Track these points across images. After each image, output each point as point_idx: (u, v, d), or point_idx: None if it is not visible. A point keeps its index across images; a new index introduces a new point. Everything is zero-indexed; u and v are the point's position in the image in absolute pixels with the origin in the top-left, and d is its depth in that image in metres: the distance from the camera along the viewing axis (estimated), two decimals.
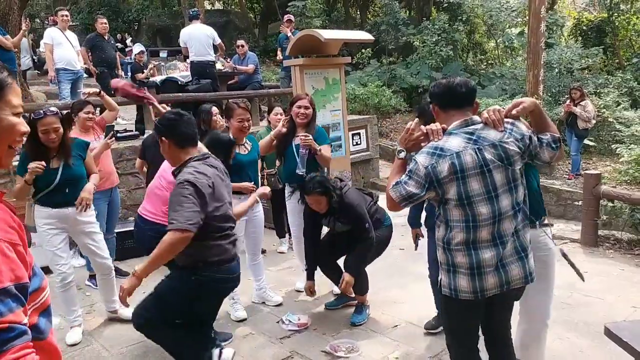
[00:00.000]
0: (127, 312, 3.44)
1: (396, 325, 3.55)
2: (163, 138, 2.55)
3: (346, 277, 3.42)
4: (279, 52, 9.39)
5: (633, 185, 6.75)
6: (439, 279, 2.30)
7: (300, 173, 3.80)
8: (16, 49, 6.89)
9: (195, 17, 7.67)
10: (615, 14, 14.59)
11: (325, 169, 4.12)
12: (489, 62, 16.11)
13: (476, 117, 2.19)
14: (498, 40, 14.50)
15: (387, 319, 3.66)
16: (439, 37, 12.63)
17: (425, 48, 12.49)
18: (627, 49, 14.58)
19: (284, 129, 3.89)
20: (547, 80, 10.49)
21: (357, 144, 7.98)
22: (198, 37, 7.22)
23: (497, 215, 2.12)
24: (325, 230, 3.77)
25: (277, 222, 5.38)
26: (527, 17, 9.86)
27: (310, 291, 3.67)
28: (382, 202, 2.66)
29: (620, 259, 4.89)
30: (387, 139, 10.42)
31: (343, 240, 3.61)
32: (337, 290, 3.91)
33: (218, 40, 7.51)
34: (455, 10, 13.90)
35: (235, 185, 3.24)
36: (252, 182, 3.65)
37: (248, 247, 3.90)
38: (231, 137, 3.50)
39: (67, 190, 3.35)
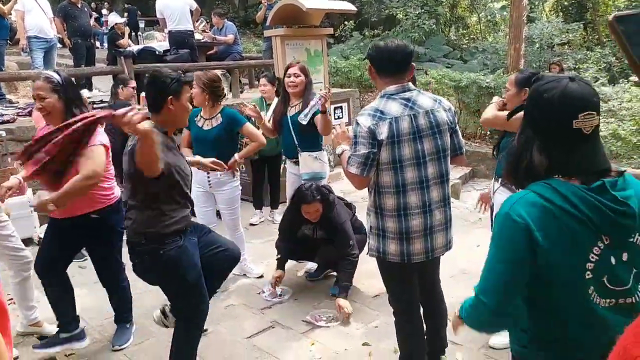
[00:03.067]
0: (50, 328, 3.08)
1: (377, 295, 3.59)
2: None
3: (341, 302, 3.30)
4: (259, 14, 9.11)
5: (610, 158, 6.87)
6: (368, 243, 2.41)
7: (303, 122, 3.57)
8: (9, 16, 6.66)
9: None
10: None
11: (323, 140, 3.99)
12: (471, 36, 16.08)
13: (411, 84, 2.27)
14: (480, 15, 14.45)
15: (367, 290, 3.70)
16: (422, 10, 12.53)
17: (408, 21, 12.38)
18: (607, 25, 14.68)
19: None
20: (528, 55, 10.53)
21: (338, 117, 7.90)
22: (175, 7, 7.02)
23: (423, 181, 2.22)
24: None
25: (256, 194, 5.34)
26: None
27: (277, 280, 3.61)
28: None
29: None
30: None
31: (318, 244, 3.66)
32: (311, 265, 3.96)
33: (195, 5, 7.34)
34: None
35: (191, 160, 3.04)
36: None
37: (225, 222, 3.87)
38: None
39: None
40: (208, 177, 3.63)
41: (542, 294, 1.28)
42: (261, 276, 3.97)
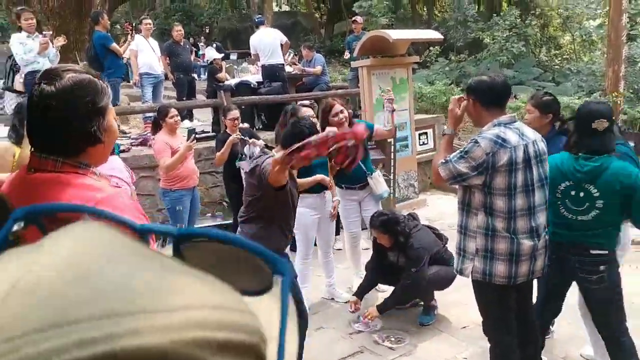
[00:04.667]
0: None
1: (465, 327, 3.58)
2: None
3: (372, 310, 3.53)
4: (346, 53, 9.52)
5: None
6: (472, 266, 2.44)
7: (388, 129, 4.21)
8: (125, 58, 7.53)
9: (261, 23, 7.99)
10: None
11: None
12: (564, 57, 15.39)
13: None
14: (574, 34, 13.83)
15: (456, 320, 3.69)
16: (510, 33, 12.26)
17: (495, 44, 12.17)
18: None
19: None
20: (629, 76, 9.91)
21: (424, 143, 7.93)
22: (267, 42, 7.49)
23: (532, 207, 2.33)
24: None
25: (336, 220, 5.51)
26: (608, 9, 9.36)
27: (355, 307, 3.73)
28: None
29: None
30: (456, 139, 10.27)
31: (401, 271, 3.71)
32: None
33: (285, 39, 7.76)
34: (527, 3, 13.44)
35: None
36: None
37: (320, 243, 4.06)
38: None
39: None
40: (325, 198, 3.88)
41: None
42: (348, 301, 4.09)
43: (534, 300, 2.79)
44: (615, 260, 2.65)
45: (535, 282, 2.69)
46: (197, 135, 6.49)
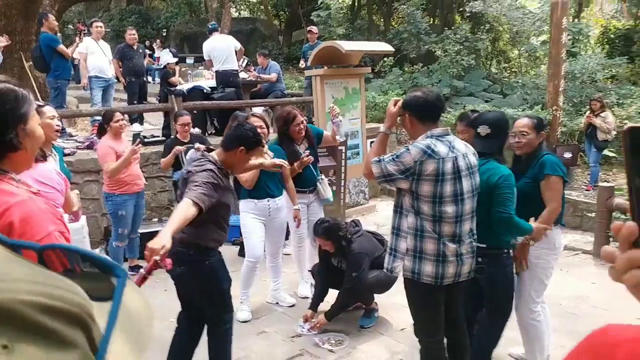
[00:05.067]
0: None
1: (403, 329, 3.71)
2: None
3: (321, 319, 3.64)
4: (302, 62, 9.64)
5: None
6: (402, 265, 2.57)
7: (341, 138, 4.30)
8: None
9: (214, 29, 8.03)
10: None
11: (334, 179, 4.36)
12: (513, 70, 16.04)
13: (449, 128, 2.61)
14: (521, 49, 14.46)
15: (395, 322, 3.82)
16: (461, 46, 12.69)
17: (447, 57, 12.56)
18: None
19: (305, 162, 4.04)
20: (569, 91, 10.45)
21: (379, 131, 8.13)
22: (220, 49, 7.51)
23: (460, 216, 2.48)
24: None
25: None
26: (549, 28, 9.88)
27: (307, 320, 3.77)
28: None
29: None
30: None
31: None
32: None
33: (239, 46, 7.79)
34: (478, 18, 13.95)
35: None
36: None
37: (268, 248, 4.12)
38: None
39: None
40: (269, 205, 3.92)
41: None
42: (293, 305, 4.16)
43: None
44: (499, 257, 2.80)
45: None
46: (145, 140, 6.46)
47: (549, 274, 3.02)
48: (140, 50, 8.53)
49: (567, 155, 8.05)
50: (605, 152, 8.83)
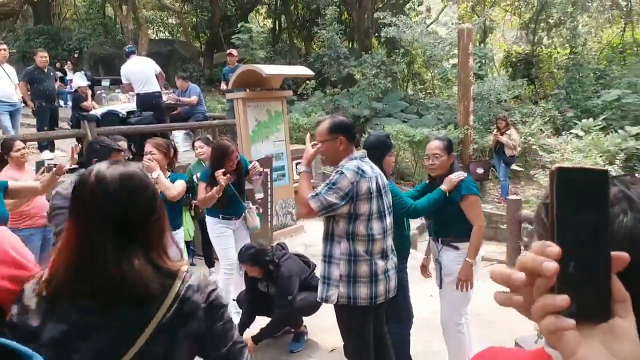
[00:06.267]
0: None
1: (332, 350, 3.73)
2: None
3: (250, 344, 3.47)
4: (222, 84, 9.57)
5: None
6: (334, 293, 2.60)
7: (260, 195, 4.14)
8: None
9: (131, 52, 7.78)
10: (539, 49, 15.83)
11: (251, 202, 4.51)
12: (427, 91, 16.95)
13: None
14: (434, 72, 15.32)
15: (324, 344, 3.83)
16: (378, 70, 13.23)
17: (365, 80, 13.03)
18: (550, 81, 15.79)
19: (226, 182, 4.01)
20: (478, 110, 11.21)
21: (300, 172, 8.22)
22: (138, 71, 7.29)
23: (384, 231, 2.61)
24: None
25: (206, 252, 5.48)
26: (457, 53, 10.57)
27: None
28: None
29: None
30: (330, 167, 10.72)
31: (272, 300, 3.77)
32: None
33: (158, 69, 7.58)
34: (394, 43, 14.64)
35: None
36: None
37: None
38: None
39: None
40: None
41: None
42: None
43: None
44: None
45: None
46: (50, 166, 6.07)
47: (472, 287, 3.18)
48: (52, 74, 8.06)
49: (480, 170, 8.59)
50: (514, 166, 9.52)
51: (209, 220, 4.26)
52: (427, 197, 3.03)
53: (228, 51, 9.51)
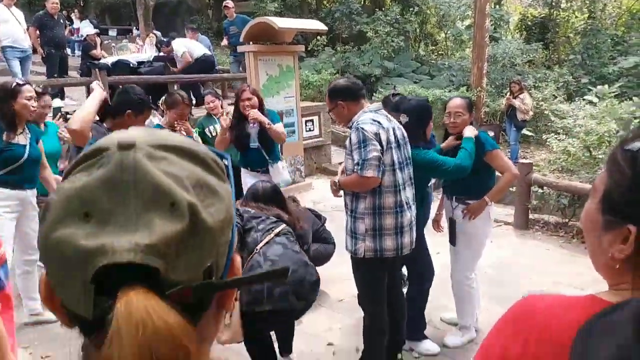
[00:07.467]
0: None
1: (341, 300, 3.82)
2: None
3: None
4: (224, 39, 9.39)
5: (563, 172, 7.32)
6: (361, 246, 2.63)
7: (254, 145, 3.98)
8: None
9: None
10: (556, 12, 15.40)
11: (280, 148, 4.34)
12: (440, 52, 16.63)
13: None
14: (447, 32, 14.99)
15: (334, 294, 3.93)
16: (392, 28, 12.95)
17: (377, 38, 12.77)
18: (566, 46, 15.44)
19: (228, 124, 3.97)
20: (491, 73, 11.03)
21: (310, 130, 8.17)
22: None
23: (404, 182, 2.62)
24: None
25: None
26: (473, 13, 10.32)
27: None
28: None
29: (547, 240, 5.37)
30: (339, 126, 10.67)
31: None
32: None
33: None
34: (407, 1, 14.27)
35: None
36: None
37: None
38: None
39: (29, 170, 3.18)
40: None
41: None
42: None
43: None
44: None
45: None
46: (68, 115, 6.08)
47: (484, 244, 3.22)
48: (62, 21, 7.95)
49: (490, 134, 8.38)
50: (524, 131, 9.45)
51: (242, 171, 4.28)
52: (461, 151, 2.89)
53: (224, 3, 9.12)
